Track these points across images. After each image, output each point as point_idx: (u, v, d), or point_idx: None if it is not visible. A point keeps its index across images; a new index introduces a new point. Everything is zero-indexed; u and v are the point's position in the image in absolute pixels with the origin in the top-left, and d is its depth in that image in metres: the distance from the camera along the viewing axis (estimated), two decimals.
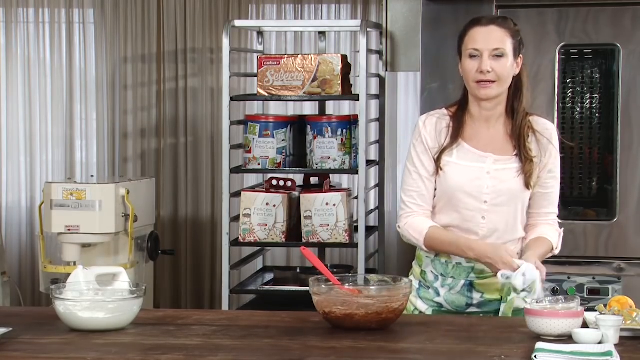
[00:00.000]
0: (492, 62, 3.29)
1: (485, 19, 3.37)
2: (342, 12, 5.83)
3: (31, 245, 6.05)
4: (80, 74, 6.04)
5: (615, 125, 4.51)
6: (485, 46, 3.30)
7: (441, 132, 3.40)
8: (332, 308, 3.02)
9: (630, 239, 4.50)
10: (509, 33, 3.34)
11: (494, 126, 3.40)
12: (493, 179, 3.35)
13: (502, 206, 3.36)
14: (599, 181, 4.64)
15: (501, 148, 3.38)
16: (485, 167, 3.36)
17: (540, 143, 3.39)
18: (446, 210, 3.40)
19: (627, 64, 4.47)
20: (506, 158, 3.37)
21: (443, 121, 3.42)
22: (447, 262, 3.40)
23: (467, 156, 3.37)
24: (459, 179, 3.36)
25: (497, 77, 3.30)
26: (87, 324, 3.03)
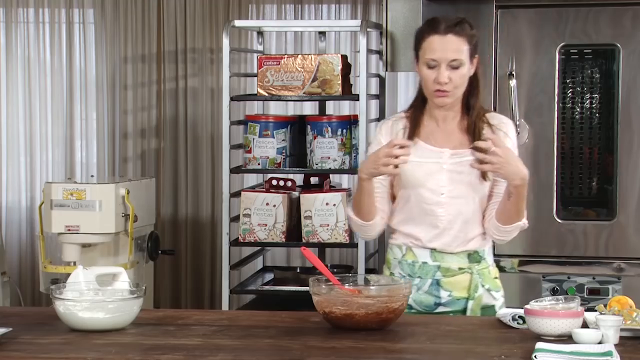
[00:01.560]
0: (450, 72, 3.32)
1: (443, 26, 3.35)
2: (342, 12, 5.84)
3: (31, 245, 6.05)
4: (80, 74, 6.05)
5: (615, 125, 4.51)
6: (443, 57, 3.32)
7: (397, 134, 3.44)
8: (332, 308, 3.02)
9: (630, 239, 4.50)
10: (466, 40, 3.34)
11: (450, 123, 3.43)
12: (450, 172, 3.38)
13: (459, 198, 3.39)
14: (599, 181, 4.64)
15: (457, 143, 3.41)
16: (441, 162, 3.39)
17: (497, 135, 3.38)
18: (406, 207, 3.44)
19: (627, 64, 4.47)
20: (462, 152, 3.39)
21: (399, 123, 3.47)
22: (414, 262, 3.43)
23: (424, 153, 3.40)
24: (416, 175, 3.39)
25: (454, 87, 3.33)
26: (87, 324, 3.03)
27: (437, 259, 3.41)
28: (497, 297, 3.49)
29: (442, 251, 3.42)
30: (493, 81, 4.52)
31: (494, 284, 3.49)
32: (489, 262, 3.50)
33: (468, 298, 3.41)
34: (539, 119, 4.53)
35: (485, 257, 3.47)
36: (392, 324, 3.05)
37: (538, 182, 4.52)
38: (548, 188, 4.52)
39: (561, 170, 4.57)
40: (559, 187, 4.55)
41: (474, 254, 3.44)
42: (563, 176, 4.60)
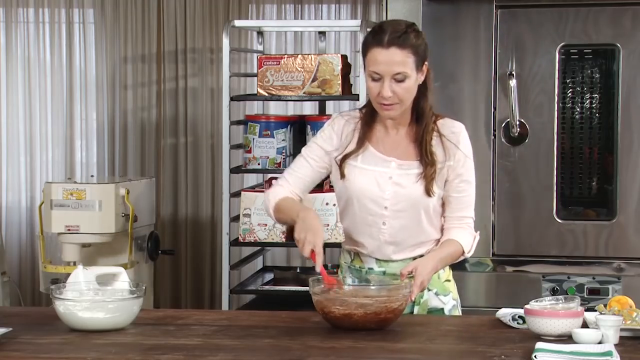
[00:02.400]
0: (394, 85, 3.20)
1: (386, 38, 3.20)
2: (342, 12, 5.84)
3: (31, 245, 6.05)
4: (80, 74, 6.05)
5: (615, 125, 4.51)
6: (387, 70, 3.19)
7: (347, 135, 3.36)
8: (330, 308, 3.02)
9: (630, 239, 4.50)
10: (411, 51, 3.20)
11: (399, 131, 3.33)
12: (394, 184, 3.29)
13: (403, 212, 3.30)
14: (599, 181, 4.64)
15: (405, 153, 3.32)
16: (388, 172, 3.30)
17: (446, 147, 3.30)
18: (349, 214, 3.38)
19: (627, 64, 4.47)
20: (409, 163, 3.30)
21: (351, 123, 3.37)
22: (361, 268, 3.38)
23: (372, 160, 3.32)
24: (361, 184, 3.31)
25: (399, 100, 3.23)
26: (87, 324, 3.03)
27: (383, 266, 3.35)
28: (446, 301, 3.39)
29: (387, 260, 3.35)
30: (493, 81, 4.52)
31: (442, 288, 3.38)
32: None
33: (414, 303, 3.32)
34: (539, 119, 4.53)
35: None
36: (391, 324, 3.05)
37: (538, 182, 4.53)
38: (548, 188, 4.52)
39: (561, 170, 4.56)
40: (559, 187, 4.55)
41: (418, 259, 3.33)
42: (563, 176, 4.60)
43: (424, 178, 3.27)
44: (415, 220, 3.31)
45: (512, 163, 4.54)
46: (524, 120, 4.51)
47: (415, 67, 3.22)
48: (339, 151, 3.35)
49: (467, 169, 3.34)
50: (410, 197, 3.28)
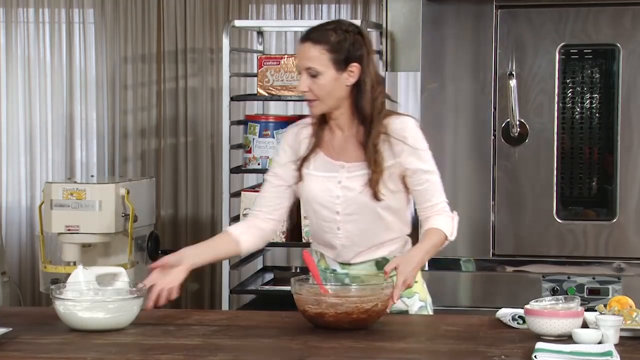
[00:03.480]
0: (309, 80, 3.22)
1: (305, 34, 3.25)
2: (342, 12, 5.83)
3: (31, 245, 6.05)
4: (80, 74, 6.05)
5: (615, 125, 4.51)
6: (301, 64, 3.24)
7: (301, 142, 3.36)
8: (304, 307, 3.03)
9: (630, 239, 4.50)
10: (326, 48, 3.20)
11: (345, 132, 3.32)
12: (343, 188, 3.28)
13: (355, 215, 3.28)
14: (599, 181, 4.64)
15: (353, 155, 3.30)
16: (337, 177, 3.29)
17: (393, 146, 3.26)
18: (310, 220, 3.40)
19: (627, 64, 4.47)
20: (357, 165, 3.28)
21: (305, 130, 3.37)
22: (326, 269, 3.37)
23: (323, 166, 3.32)
24: (313, 191, 3.31)
25: (316, 96, 3.23)
26: (87, 324, 3.03)
27: (345, 268, 3.35)
28: (410, 303, 3.35)
29: (348, 263, 3.35)
30: (493, 81, 4.52)
31: (406, 290, 3.28)
32: None
33: None
34: (539, 119, 4.53)
35: None
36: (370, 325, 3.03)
37: (538, 182, 4.52)
38: (548, 188, 4.52)
39: (561, 170, 4.56)
40: (559, 187, 4.55)
41: (382, 261, 3.32)
42: (563, 176, 4.60)
43: (369, 183, 3.25)
44: (371, 222, 3.29)
45: (512, 163, 4.54)
46: (524, 120, 4.51)
47: (334, 64, 3.21)
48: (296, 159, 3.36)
49: (423, 160, 3.30)
50: (358, 201, 3.27)
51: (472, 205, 4.54)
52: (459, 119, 4.55)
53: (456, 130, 4.56)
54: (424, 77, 4.57)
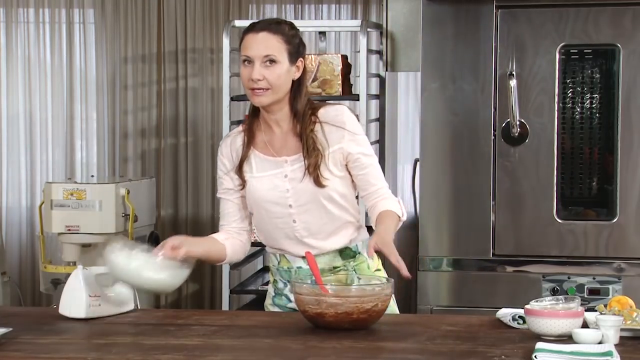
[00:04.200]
0: (264, 69, 3.25)
1: (259, 25, 3.31)
2: (342, 12, 5.84)
3: (31, 245, 6.05)
4: (80, 74, 6.05)
5: (615, 125, 4.51)
6: (256, 53, 3.26)
7: (237, 149, 3.39)
8: (305, 307, 3.03)
9: (630, 239, 4.50)
10: (282, 39, 3.28)
11: (284, 128, 3.36)
12: (291, 180, 3.32)
13: (307, 204, 3.32)
14: (599, 181, 4.64)
15: (293, 148, 3.34)
16: (282, 171, 3.33)
17: (330, 133, 3.32)
18: (261, 222, 3.41)
19: (627, 64, 4.47)
20: (299, 156, 3.33)
21: (238, 138, 3.41)
22: (289, 268, 3.39)
23: (264, 165, 3.36)
24: (261, 191, 3.34)
25: (270, 85, 3.26)
26: (135, 279, 3.07)
27: None
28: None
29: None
30: (493, 81, 4.52)
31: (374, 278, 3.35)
32: (366, 256, 3.40)
33: None
34: (539, 119, 4.53)
35: (359, 252, 3.40)
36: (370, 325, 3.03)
37: (538, 182, 4.52)
38: (548, 188, 4.52)
39: (561, 170, 4.56)
40: (559, 187, 4.55)
41: (345, 251, 3.38)
42: (563, 176, 4.60)
43: (309, 170, 3.30)
44: (322, 209, 3.33)
45: (512, 163, 4.54)
46: (524, 120, 4.51)
47: (288, 56, 3.28)
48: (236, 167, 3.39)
49: (362, 144, 3.37)
50: (306, 190, 3.31)
51: (472, 205, 4.55)
52: (459, 119, 4.55)
53: (456, 130, 4.56)
54: (424, 77, 4.57)
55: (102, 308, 3.20)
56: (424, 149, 4.59)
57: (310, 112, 3.34)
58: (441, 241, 4.58)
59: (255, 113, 3.40)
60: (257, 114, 3.39)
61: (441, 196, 4.56)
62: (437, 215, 4.56)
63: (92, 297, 3.17)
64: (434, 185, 4.57)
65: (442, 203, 4.56)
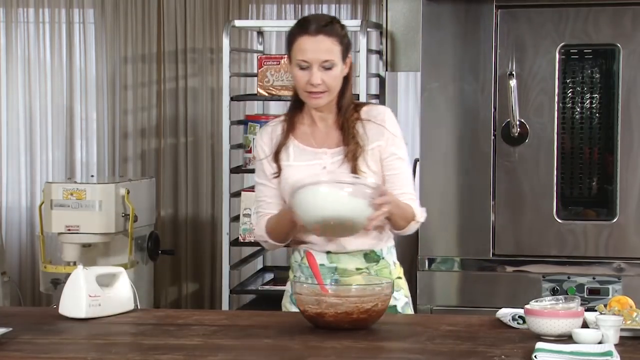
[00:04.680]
0: (321, 73, 3.26)
1: (313, 27, 3.28)
2: (342, 12, 5.84)
3: (31, 245, 6.05)
4: (80, 74, 6.05)
5: (615, 125, 4.51)
6: (315, 58, 3.26)
7: (277, 137, 3.40)
8: (305, 307, 3.03)
9: (630, 239, 4.50)
10: (337, 40, 3.29)
11: (327, 122, 3.38)
12: (330, 173, 3.32)
13: None
14: (599, 181, 4.64)
15: (335, 141, 3.36)
16: (322, 163, 3.34)
17: (371, 129, 3.34)
18: None
19: (627, 64, 4.47)
20: (339, 150, 3.34)
21: (278, 127, 3.42)
22: None
23: (303, 155, 3.37)
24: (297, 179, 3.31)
25: (327, 87, 3.28)
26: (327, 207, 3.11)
27: (334, 261, 3.36)
28: (398, 297, 3.39)
29: (337, 252, 3.36)
30: (493, 81, 4.52)
31: (395, 284, 3.34)
32: (389, 262, 3.42)
33: None
34: (539, 119, 4.52)
35: (384, 257, 3.40)
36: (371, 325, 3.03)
37: (538, 182, 4.52)
38: (548, 188, 4.52)
39: (561, 170, 4.56)
40: (559, 187, 4.54)
41: (370, 254, 3.37)
42: (563, 176, 4.60)
43: (347, 157, 3.31)
44: None
45: (512, 163, 4.54)
46: (524, 120, 4.51)
47: (341, 57, 3.30)
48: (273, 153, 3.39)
49: (398, 147, 3.38)
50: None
51: (472, 205, 4.54)
52: (459, 119, 4.55)
53: (456, 130, 4.56)
54: (424, 77, 4.57)
55: (102, 308, 3.20)
56: (424, 149, 4.59)
57: (354, 107, 3.37)
58: (441, 241, 4.57)
59: (296, 105, 3.40)
60: (299, 106, 3.40)
61: (441, 196, 4.56)
62: (437, 215, 4.55)
63: (92, 297, 3.17)
64: (434, 185, 4.57)
65: (442, 203, 4.56)
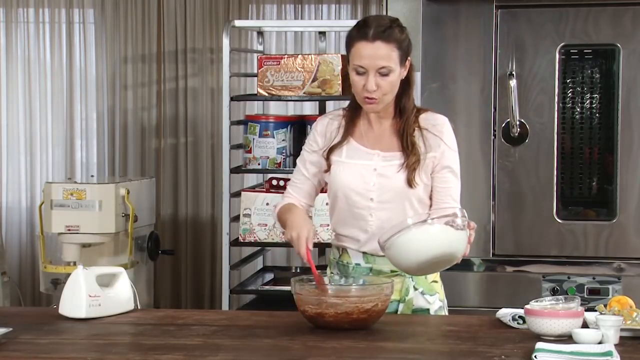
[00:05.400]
0: (379, 79, 3.24)
1: (372, 32, 3.24)
2: (342, 12, 5.84)
3: (31, 245, 6.05)
4: (80, 74, 6.05)
5: (615, 125, 4.51)
6: (372, 64, 3.23)
7: (332, 132, 3.39)
8: (304, 307, 3.03)
9: (630, 239, 4.50)
10: (395, 45, 3.25)
11: (383, 124, 3.37)
12: (379, 175, 3.32)
13: (388, 203, 3.31)
14: (599, 181, 4.64)
15: (388, 145, 3.35)
16: (372, 164, 3.33)
17: (427, 139, 3.33)
18: (336, 209, 3.39)
19: (627, 64, 4.47)
20: (392, 154, 3.33)
21: (335, 121, 3.41)
22: (347, 264, 3.38)
23: (356, 154, 3.35)
24: (346, 177, 3.33)
25: (383, 94, 3.27)
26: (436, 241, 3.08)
27: (370, 262, 3.35)
28: (432, 301, 3.38)
29: (373, 254, 3.34)
30: (493, 81, 4.52)
31: (429, 288, 3.37)
32: None
33: (399, 301, 3.33)
34: (539, 119, 4.53)
35: None
36: (371, 324, 3.03)
37: (538, 182, 4.52)
38: (548, 188, 4.52)
39: (561, 170, 4.56)
40: (559, 187, 4.54)
41: None
42: (563, 176, 4.60)
43: (406, 168, 3.30)
44: (401, 211, 3.30)
45: (512, 163, 4.54)
46: (524, 120, 4.51)
47: (399, 61, 3.27)
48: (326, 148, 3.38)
49: (453, 160, 3.37)
50: (394, 187, 3.30)
51: (472, 205, 4.54)
52: (459, 119, 4.55)
53: (456, 130, 4.52)
54: (424, 77, 4.57)
55: (102, 308, 3.20)
56: None
57: (415, 112, 3.35)
58: None
59: (355, 105, 3.38)
60: (357, 105, 3.37)
61: None
62: None
63: (92, 297, 3.17)
64: None
65: None
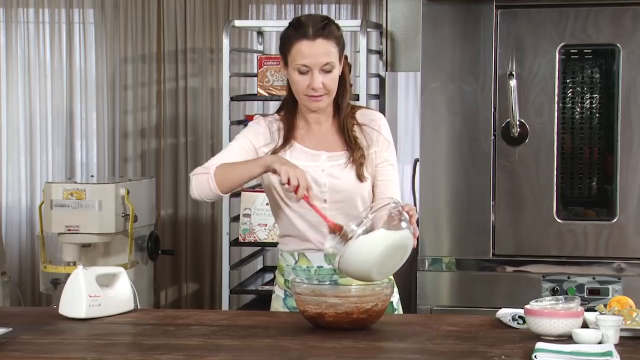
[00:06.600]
0: (322, 77, 3.25)
1: (312, 30, 3.25)
2: (342, 12, 5.84)
3: (31, 245, 6.05)
4: (80, 74, 6.05)
5: (615, 125, 4.51)
6: (315, 62, 3.24)
7: (274, 132, 3.37)
8: (305, 307, 3.03)
9: (630, 239, 4.50)
10: (335, 42, 3.27)
11: (323, 125, 3.37)
12: (329, 176, 3.31)
13: (341, 202, 3.31)
14: (599, 181, 4.64)
15: (332, 145, 3.35)
16: (320, 165, 3.32)
17: (368, 134, 3.35)
18: (289, 215, 3.36)
19: (627, 64, 4.47)
20: (338, 154, 3.33)
21: (274, 124, 3.39)
22: (309, 268, 3.36)
23: (301, 156, 3.34)
24: None
25: (327, 90, 3.27)
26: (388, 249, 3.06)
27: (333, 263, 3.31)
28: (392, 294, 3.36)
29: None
30: (493, 81, 4.52)
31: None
32: None
33: None
34: (539, 119, 4.53)
35: None
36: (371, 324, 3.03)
37: (538, 182, 4.52)
38: (548, 188, 4.52)
39: (561, 170, 4.56)
40: (559, 187, 4.55)
41: None
42: (563, 176, 4.60)
43: (353, 163, 3.31)
44: (353, 208, 3.31)
45: (512, 163, 4.54)
46: (524, 120, 4.51)
47: (339, 58, 3.29)
48: (268, 147, 3.35)
49: (391, 153, 3.40)
50: (345, 186, 3.31)
51: (472, 205, 4.54)
52: (459, 119, 4.55)
53: (456, 130, 4.56)
54: (424, 77, 4.57)
55: (102, 308, 3.20)
56: (424, 149, 4.59)
57: (351, 110, 3.37)
58: (441, 241, 4.58)
59: (290, 107, 3.37)
60: (292, 107, 3.37)
61: (441, 196, 4.56)
62: (437, 215, 4.56)
63: (92, 297, 3.17)
64: (434, 185, 4.57)
65: (442, 203, 4.56)
